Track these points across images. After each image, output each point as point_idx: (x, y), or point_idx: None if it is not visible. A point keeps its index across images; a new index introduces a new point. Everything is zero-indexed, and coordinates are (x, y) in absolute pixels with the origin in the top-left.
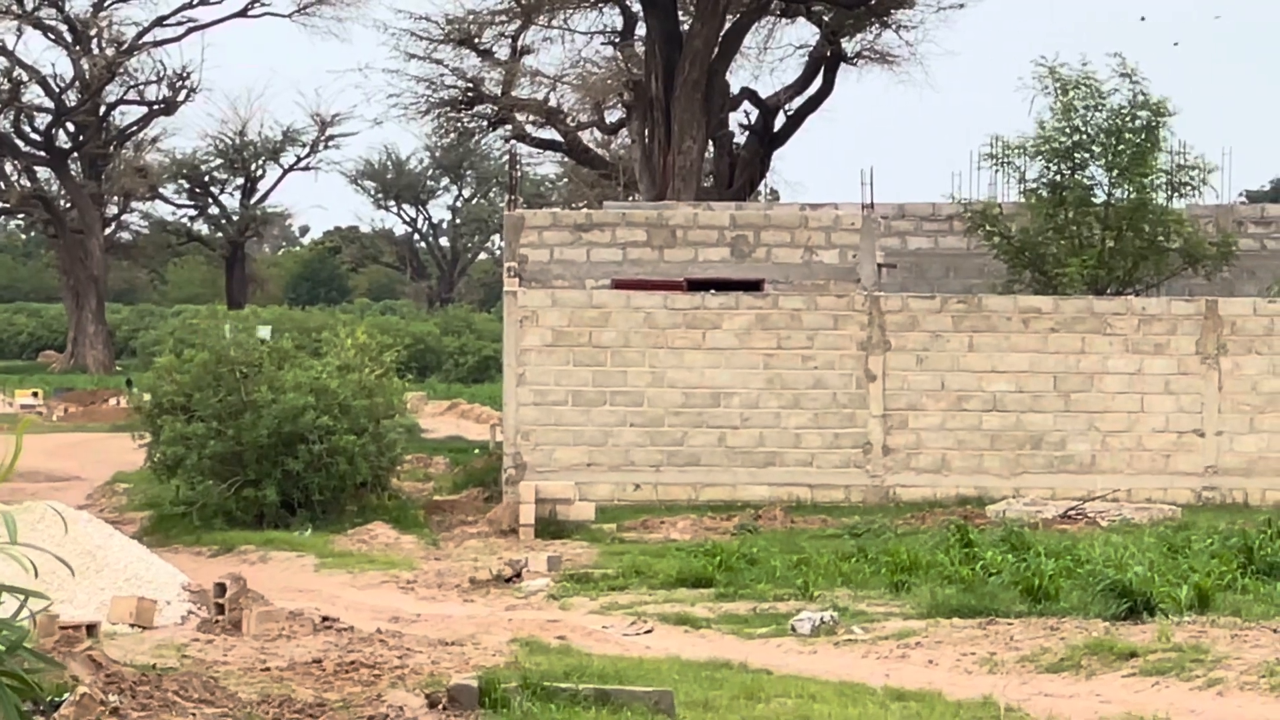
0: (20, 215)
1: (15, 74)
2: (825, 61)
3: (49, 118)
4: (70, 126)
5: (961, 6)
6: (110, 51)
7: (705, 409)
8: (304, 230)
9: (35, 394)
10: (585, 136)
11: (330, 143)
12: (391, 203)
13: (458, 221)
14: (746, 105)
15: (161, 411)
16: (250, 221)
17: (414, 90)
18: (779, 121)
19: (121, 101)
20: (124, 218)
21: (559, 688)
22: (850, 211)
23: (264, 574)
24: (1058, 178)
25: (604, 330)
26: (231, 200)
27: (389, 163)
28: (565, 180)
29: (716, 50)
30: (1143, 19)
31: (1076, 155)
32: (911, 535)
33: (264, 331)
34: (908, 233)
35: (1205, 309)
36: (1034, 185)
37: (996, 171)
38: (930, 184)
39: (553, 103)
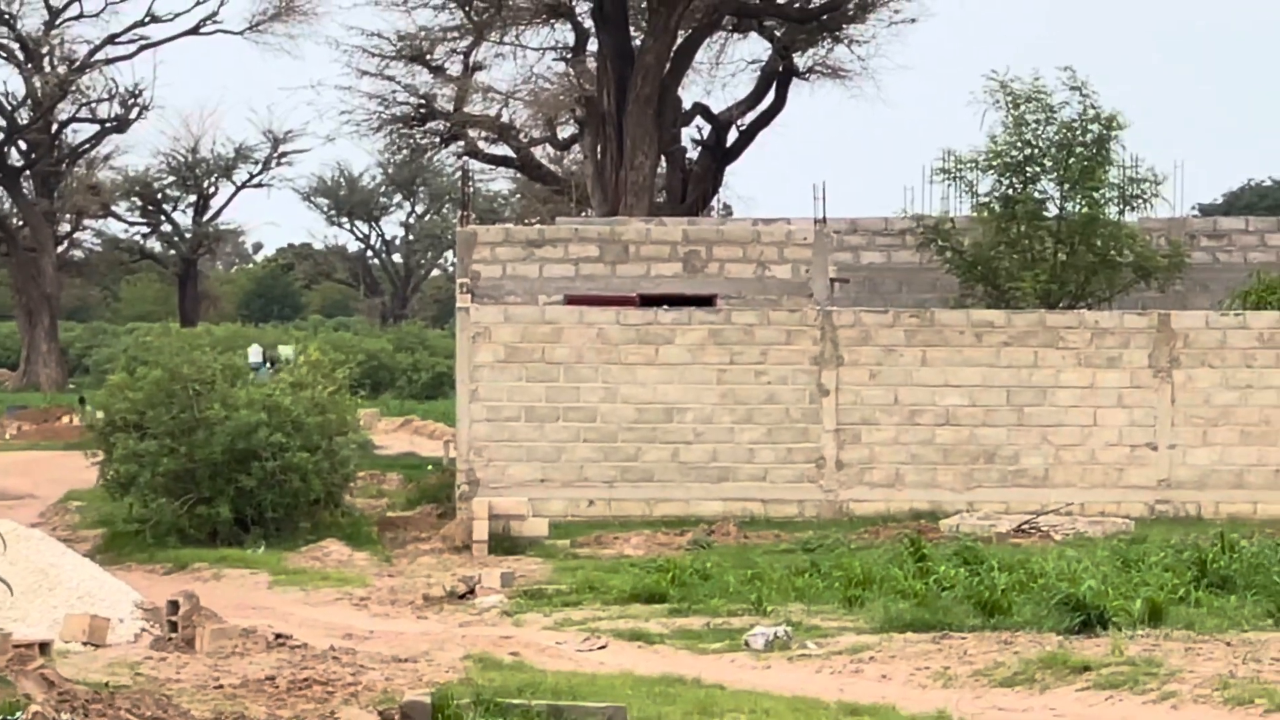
0: None
1: None
2: (777, 76)
3: (0, 136)
4: (22, 144)
5: (913, 22)
6: (62, 69)
7: (658, 424)
8: (257, 247)
9: None
10: (538, 152)
11: (283, 160)
12: (344, 219)
13: (411, 238)
14: (699, 120)
15: (114, 429)
16: (203, 239)
17: (366, 107)
18: (731, 136)
19: (74, 119)
20: (76, 235)
21: (512, 704)
22: (803, 226)
23: (217, 591)
24: (1010, 192)
25: (557, 346)
26: (184, 217)
27: (342, 179)
28: (518, 196)
29: (669, 66)
30: None
31: (1028, 169)
32: (865, 550)
33: (286, 351)
34: (860, 247)
35: (1158, 322)
36: (986, 199)
37: (949, 186)
38: (883, 198)
39: (505, 119)
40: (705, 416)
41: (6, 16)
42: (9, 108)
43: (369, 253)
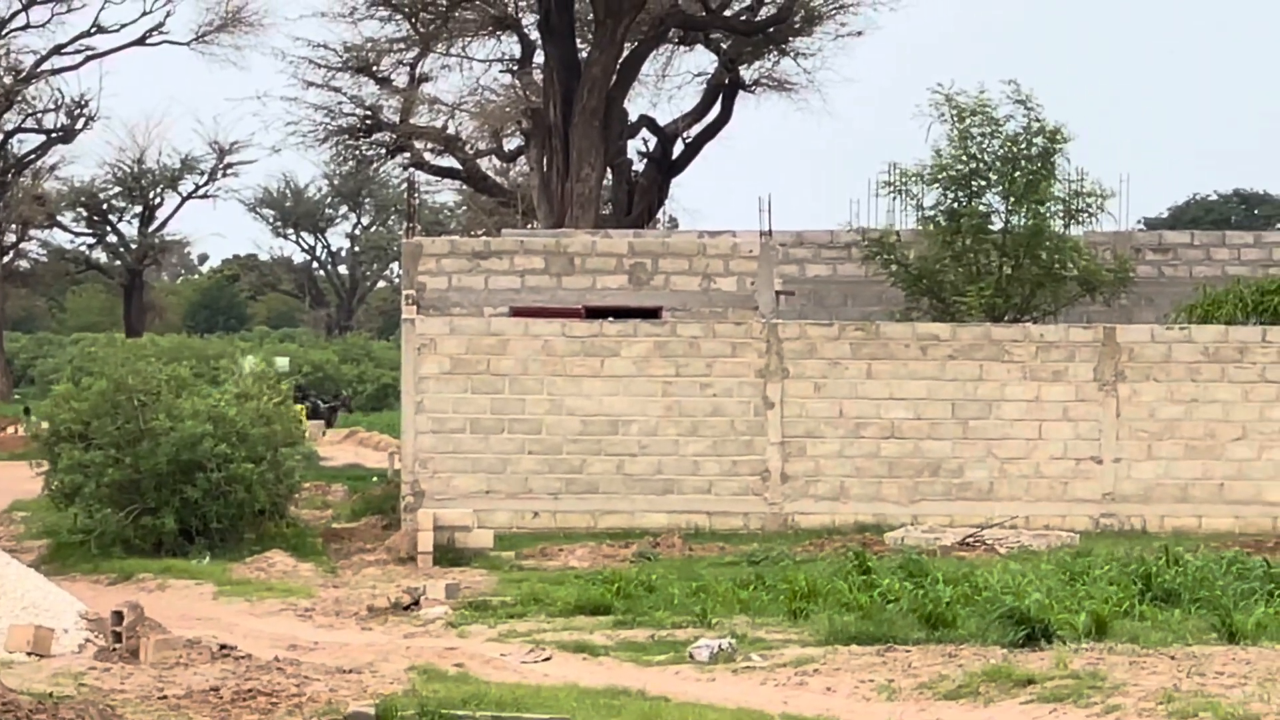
0: None
1: None
2: (723, 89)
3: None
4: None
5: (859, 35)
6: (8, 80)
7: (603, 436)
8: (203, 258)
9: None
10: (484, 164)
11: (229, 171)
12: (290, 230)
13: (356, 249)
14: (645, 133)
15: (59, 439)
16: (149, 250)
17: (312, 118)
18: (677, 149)
19: (19, 130)
20: (22, 246)
21: (456, 715)
22: (748, 239)
23: (162, 602)
24: (955, 205)
25: (502, 358)
26: (130, 228)
27: (287, 190)
28: (464, 208)
29: (615, 78)
30: None
31: (973, 182)
32: (810, 563)
33: (282, 363)
34: (806, 260)
35: (1103, 336)
36: (931, 213)
37: (894, 199)
38: (829, 212)
39: (451, 130)
40: (650, 429)
41: None
42: None
43: (314, 264)
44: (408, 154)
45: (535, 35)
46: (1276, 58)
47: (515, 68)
